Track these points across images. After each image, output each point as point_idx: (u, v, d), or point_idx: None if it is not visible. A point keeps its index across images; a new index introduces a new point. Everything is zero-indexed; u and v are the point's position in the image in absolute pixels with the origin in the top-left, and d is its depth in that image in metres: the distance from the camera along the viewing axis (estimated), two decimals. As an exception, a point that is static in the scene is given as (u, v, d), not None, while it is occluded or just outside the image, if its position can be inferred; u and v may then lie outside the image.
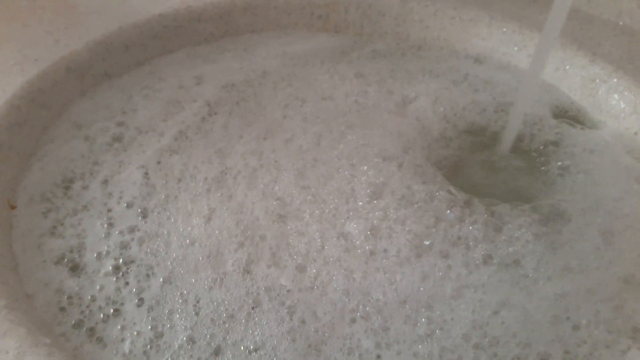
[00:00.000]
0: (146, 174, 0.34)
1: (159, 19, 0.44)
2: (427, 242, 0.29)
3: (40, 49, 0.40)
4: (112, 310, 0.26)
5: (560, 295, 0.27)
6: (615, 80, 0.41)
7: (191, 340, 0.25)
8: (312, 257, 0.29)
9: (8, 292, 0.23)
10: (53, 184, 0.33)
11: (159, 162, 0.35)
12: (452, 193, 0.33)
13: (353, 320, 0.27)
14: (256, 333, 0.25)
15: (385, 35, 0.50)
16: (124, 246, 0.29)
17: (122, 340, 0.25)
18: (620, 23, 0.47)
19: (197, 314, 0.26)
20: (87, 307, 0.26)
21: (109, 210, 0.31)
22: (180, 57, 0.45)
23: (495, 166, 0.37)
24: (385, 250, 0.30)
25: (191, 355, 0.25)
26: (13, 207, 0.30)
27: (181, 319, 0.26)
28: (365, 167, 0.34)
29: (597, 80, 0.42)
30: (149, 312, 0.26)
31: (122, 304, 0.27)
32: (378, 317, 0.27)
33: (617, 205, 0.31)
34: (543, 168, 0.36)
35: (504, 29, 0.47)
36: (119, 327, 0.26)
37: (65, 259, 0.28)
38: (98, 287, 0.27)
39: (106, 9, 0.45)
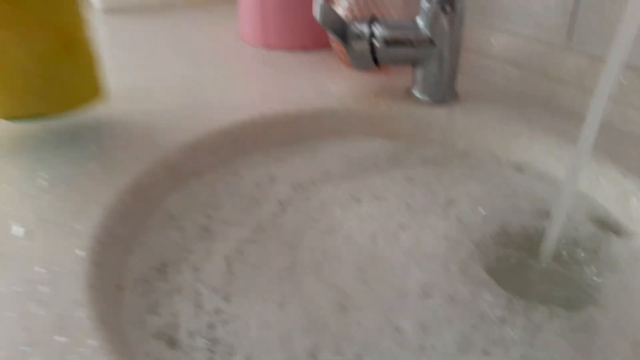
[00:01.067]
0: (229, 263, 0.39)
1: (239, 125, 0.52)
2: (471, 340, 0.33)
3: (140, 149, 0.47)
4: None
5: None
6: (646, 194, 0.45)
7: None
8: (369, 347, 0.34)
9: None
10: (152, 267, 0.39)
11: (239, 253, 0.40)
12: (495, 294, 0.37)
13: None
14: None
15: (433, 142, 0.56)
16: (211, 326, 0.34)
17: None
18: (652, 139, 0.52)
19: (274, 391, 0.31)
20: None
21: (198, 293, 0.37)
22: (256, 158, 0.52)
23: (536, 270, 0.41)
24: (433, 346, 0.34)
25: None
26: (120, 288, 0.36)
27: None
28: (416, 267, 0.39)
29: (630, 194, 0.46)
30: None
31: (211, 378, 0.32)
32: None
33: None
34: (580, 275, 0.40)
35: (543, 142, 0.52)
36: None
37: (163, 334, 0.34)
38: (190, 361, 0.32)
39: (196, 115, 0.53)
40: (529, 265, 0.41)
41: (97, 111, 0.53)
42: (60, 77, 0.46)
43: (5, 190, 0.42)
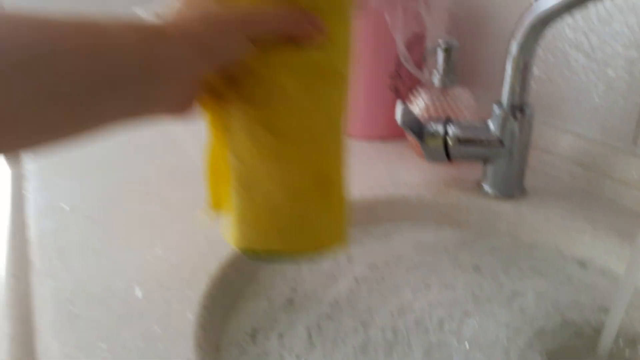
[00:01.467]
0: (310, 334, 0.45)
1: (323, 208, 0.59)
2: None
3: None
4: None
5: None
6: None
7: None
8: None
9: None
10: (244, 332, 0.45)
11: (319, 325, 0.46)
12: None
13: None
14: None
15: (500, 234, 0.60)
16: (294, 391, 0.40)
17: None
18: None
19: None
20: None
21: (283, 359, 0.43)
22: (335, 238, 0.58)
23: (594, 364, 0.44)
24: None
25: None
26: (219, 350, 0.43)
27: None
28: (479, 353, 0.43)
29: (693, 298, 0.48)
30: None
31: None
32: None
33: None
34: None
35: (606, 240, 0.55)
36: None
37: (253, 394, 0.40)
38: (276, 420, 0.38)
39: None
40: (587, 359, 0.44)
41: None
42: (307, 217, 0.43)
43: (127, 256, 0.50)
